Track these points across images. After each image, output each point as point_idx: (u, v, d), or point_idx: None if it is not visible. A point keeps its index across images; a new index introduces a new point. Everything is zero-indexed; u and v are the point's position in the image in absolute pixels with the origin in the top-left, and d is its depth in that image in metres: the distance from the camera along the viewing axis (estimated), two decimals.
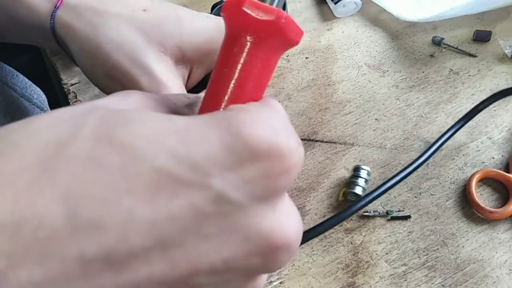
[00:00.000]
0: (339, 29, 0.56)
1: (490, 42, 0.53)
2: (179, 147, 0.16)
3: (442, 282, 0.38)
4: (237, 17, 0.20)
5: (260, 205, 0.17)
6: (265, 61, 0.21)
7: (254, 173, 0.17)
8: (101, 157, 0.16)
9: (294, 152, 0.18)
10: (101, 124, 0.17)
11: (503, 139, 0.46)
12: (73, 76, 0.54)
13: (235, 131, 0.17)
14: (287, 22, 0.20)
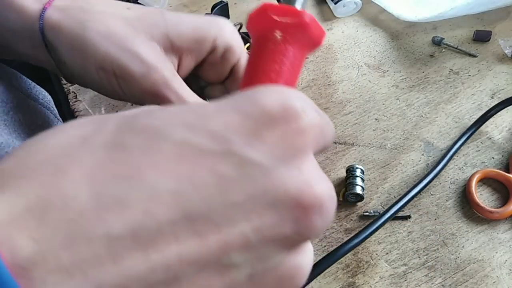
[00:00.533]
0: (339, 29, 0.56)
1: (490, 42, 0.53)
2: (197, 121, 0.17)
3: (442, 282, 0.38)
4: (264, 22, 0.22)
5: (284, 166, 0.17)
6: (292, 57, 0.22)
7: (273, 135, 0.17)
8: (123, 141, 0.16)
9: (309, 113, 0.18)
10: (124, 118, 0.17)
11: (503, 139, 0.46)
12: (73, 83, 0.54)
13: (251, 100, 0.18)
14: (311, 22, 0.22)
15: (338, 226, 0.41)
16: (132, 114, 0.18)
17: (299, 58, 0.23)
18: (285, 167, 0.17)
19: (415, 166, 0.44)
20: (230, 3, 0.57)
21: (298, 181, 0.17)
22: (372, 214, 0.41)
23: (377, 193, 0.43)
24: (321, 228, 0.17)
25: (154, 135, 0.16)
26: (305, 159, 0.18)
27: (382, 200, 0.43)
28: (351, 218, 0.42)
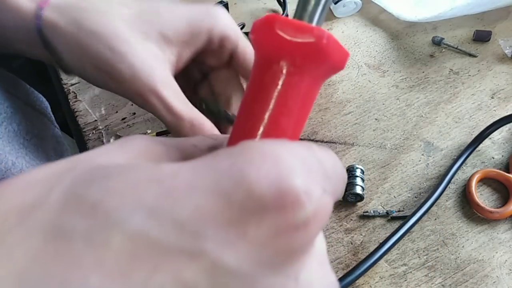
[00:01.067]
0: (339, 29, 0.56)
1: (490, 42, 0.53)
2: (160, 202, 0.13)
3: (442, 282, 0.38)
4: (269, 40, 0.17)
5: (274, 275, 0.13)
6: (304, 91, 0.17)
7: (260, 230, 0.13)
8: (67, 225, 0.13)
9: (314, 198, 0.13)
10: (74, 184, 0.14)
11: (503, 139, 0.46)
12: (73, 76, 0.54)
13: (236, 176, 0.13)
14: (329, 43, 0.16)
15: (338, 226, 0.41)
16: (86, 177, 0.14)
17: (312, 90, 0.18)
18: (276, 277, 0.13)
19: (415, 166, 0.44)
20: (230, 3, 0.57)
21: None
22: (372, 214, 0.41)
23: (377, 193, 0.43)
24: None
25: (103, 220, 0.13)
26: (305, 261, 0.14)
27: (382, 200, 0.42)
28: (351, 218, 0.42)
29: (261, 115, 0.17)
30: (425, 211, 0.40)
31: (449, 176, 0.42)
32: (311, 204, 0.13)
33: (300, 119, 0.18)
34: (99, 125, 0.50)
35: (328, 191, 0.14)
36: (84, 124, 0.50)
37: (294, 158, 0.14)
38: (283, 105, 0.17)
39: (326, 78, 0.18)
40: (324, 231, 0.41)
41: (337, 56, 0.17)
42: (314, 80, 0.17)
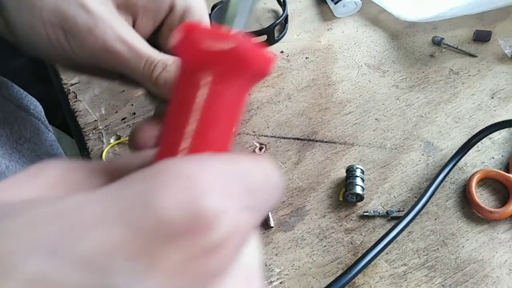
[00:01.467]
0: (339, 29, 0.56)
1: (490, 42, 0.53)
2: (61, 239, 0.12)
3: (442, 282, 0.38)
4: (189, 49, 0.16)
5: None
6: (228, 101, 0.17)
7: (172, 259, 0.12)
8: None
9: (229, 218, 0.13)
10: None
11: (503, 139, 0.46)
12: (73, 76, 0.54)
13: (144, 199, 0.12)
14: (247, 50, 0.16)
15: (338, 226, 0.41)
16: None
17: (237, 99, 0.17)
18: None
19: (415, 166, 0.44)
20: None
21: None
22: (372, 214, 0.41)
23: (377, 193, 0.43)
24: None
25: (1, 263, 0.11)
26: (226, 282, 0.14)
27: (382, 200, 0.43)
28: (351, 218, 0.42)
29: (184, 129, 0.16)
30: (420, 207, 0.40)
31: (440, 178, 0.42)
32: (224, 225, 0.13)
33: (227, 130, 0.17)
34: (99, 125, 0.50)
35: (251, 206, 0.14)
36: (84, 124, 0.50)
37: (209, 176, 0.13)
38: (207, 117, 0.16)
39: (252, 86, 0.17)
40: (324, 231, 0.41)
41: (259, 62, 0.16)
42: (238, 89, 0.17)
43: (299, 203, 0.43)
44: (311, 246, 0.40)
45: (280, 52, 0.55)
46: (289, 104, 0.50)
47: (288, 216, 0.42)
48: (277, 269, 0.39)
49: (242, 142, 0.47)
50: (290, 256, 0.40)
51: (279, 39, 0.56)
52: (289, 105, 0.50)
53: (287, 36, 0.56)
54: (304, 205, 0.43)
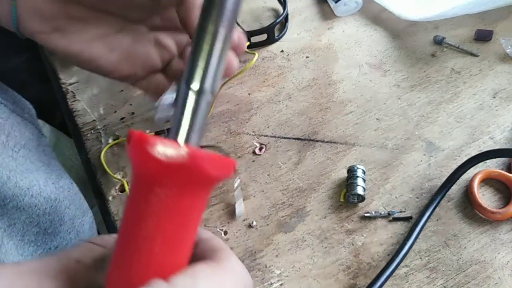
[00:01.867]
0: (340, 28, 0.56)
1: (492, 42, 0.53)
2: None
3: (444, 284, 0.38)
4: (142, 160, 0.15)
5: None
6: (185, 209, 0.16)
7: None
8: None
9: None
10: None
11: (505, 139, 0.45)
12: (71, 76, 0.54)
13: None
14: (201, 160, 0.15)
15: (339, 227, 0.41)
16: None
17: (196, 206, 0.17)
18: None
19: (416, 166, 0.44)
20: None
21: None
22: (373, 215, 0.41)
23: (378, 194, 0.43)
24: None
25: None
26: None
27: (384, 200, 0.42)
28: (352, 219, 0.41)
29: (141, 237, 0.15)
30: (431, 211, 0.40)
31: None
32: None
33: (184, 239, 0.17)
34: (97, 125, 0.50)
35: None
36: (82, 124, 0.50)
37: None
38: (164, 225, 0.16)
39: (210, 187, 0.17)
40: (325, 232, 0.41)
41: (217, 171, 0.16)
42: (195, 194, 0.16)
43: (300, 204, 0.43)
44: (312, 247, 0.40)
45: (280, 51, 0.54)
46: (290, 104, 0.50)
47: (288, 217, 0.42)
48: (277, 271, 0.39)
49: (242, 142, 0.47)
50: (291, 257, 0.40)
51: (279, 38, 0.55)
52: (290, 105, 0.49)
53: (287, 35, 0.56)
54: (304, 206, 0.43)
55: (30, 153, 0.33)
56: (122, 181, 0.45)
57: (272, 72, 0.53)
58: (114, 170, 0.46)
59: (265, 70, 0.53)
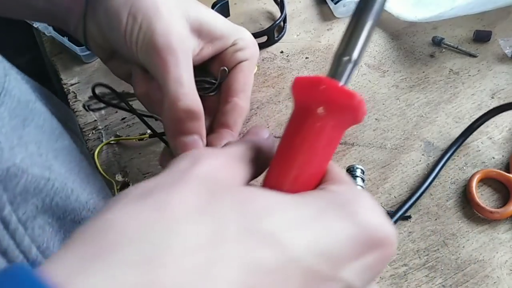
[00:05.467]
0: (339, 29, 0.56)
1: (490, 42, 0.53)
2: (317, 242, 0.17)
3: (443, 283, 0.38)
4: (314, 94, 0.21)
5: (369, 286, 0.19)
6: (335, 135, 0.22)
7: (372, 261, 0.18)
8: (255, 259, 0.16)
9: (396, 238, 0.20)
10: (243, 219, 0.17)
11: (503, 139, 0.46)
12: (73, 76, 0.54)
13: (358, 222, 0.18)
14: (361, 105, 0.21)
15: None
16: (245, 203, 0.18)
17: (339, 135, 0.22)
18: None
19: (415, 166, 0.44)
20: (230, 3, 0.57)
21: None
22: None
23: (377, 193, 0.43)
24: None
25: (286, 256, 0.16)
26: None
27: (383, 200, 0.42)
28: None
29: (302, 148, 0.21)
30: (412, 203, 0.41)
31: (440, 166, 0.43)
32: (395, 246, 0.19)
33: (328, 157, 0.22)
34: (98, 125, 0.50)
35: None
36: (83, 124, 0.50)
37: (378, 207, 0.20)
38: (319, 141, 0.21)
39: (348, 127, 0.23)
40: None
41: (362, 113, 0.21)
42: (342, 128, 0.22)
43: None
44: None
45: (280, 52, 0.55)
46: (289, 104, 0.50)
47: None
48: None
49: None
50: None
51: (278, 39, 0.56)
52: (289, 105, 0.50)
53: (287, 36, 0.56)
54: None
55: (82, 164, 0.34)
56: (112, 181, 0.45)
57: (272, 72, 0.53)
58: (115, 170, 0.46)
59: (265, 71, 0.53)
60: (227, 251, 0.16)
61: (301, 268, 0.17)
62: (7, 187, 0.22)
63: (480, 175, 0.42)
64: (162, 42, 0.31)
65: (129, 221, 0.16)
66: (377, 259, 0.19)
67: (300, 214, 0.18)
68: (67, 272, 0.14)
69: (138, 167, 0.47)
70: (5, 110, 0.24)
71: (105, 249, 0.15)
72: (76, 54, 0.54)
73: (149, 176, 0.45)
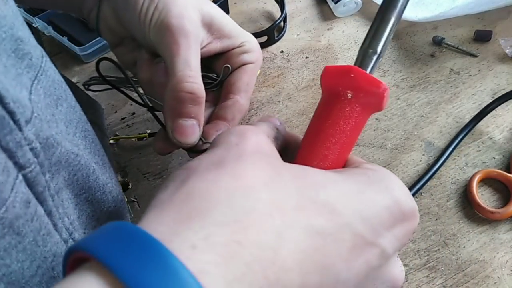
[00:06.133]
0: (340, 29, 0.56)
1: (491, 42, 0.53)
2: (363, 211, 0.20)
3: (443, 283, 0.38)
4: (344, 81, 0.23)
5: (394, 256, 0.22)
6: (361, 119, 0.24)
7: (401, 231, 0.21)
8: (317, 225, 0.19)
9: (417, 211, 0.23)
10: (302, 191, 0.20)
11: (504, 139, 0.46)
12: (72, 76, 0.54)
13: (393, 195, 0.21)
14: (386, 93, 0.23)
15: None
16: (305, 184, 0.20)
17: (364, 120, 0.24)
18: (394, 257, 0.22)
19: (416, 166, 0.44)
20: (230, 3, 0.57)
21: (398, 270, 0.23)
22: None
23: None
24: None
25: (339, 222, 0.19)
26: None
27: None
28: None
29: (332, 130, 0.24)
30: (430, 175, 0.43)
31: (450, 150, 0.44)
32: (418, 219, 0.22)
33: (354, 139, 0.24)
34: None
35: None
36: None
37: (404, 186, 0.22)
38: (347, 124, 0.24)
39: (371, 113, 0.25)
40: None
41: (386, 101, 0.24)
42: (367, 113, 0.24)
43: None
44: None
45: (280, 52, 0.55)
46: (289, 104, 0.50)
47: None
48: None
49: None
50: None
51: (278, 39, 0.56)
52: (289, 105, 0.50)
53: (287, 36, 0.56)
54: None
55: (103, 150, 0.34)
56: None
57: (272, 72, 0.53)
58: (115, 170, 0.46)
59: (265, 70, 0.53)
60: (294, 217, 0.18)
61: (351, 232, 0.19)
62: (46, 155, 0.23)
63: (481, 175, 0.42)
64: (176, 24, 0.32)
65: (212, 187, 0.18)
66: (404, 230, 0.21)
67: (348, 187, 0.21)
68: (167, 231, 0.16)
69: (138, 166, 0.46)
70: (41, 88, 0.25)
71: (196, 212, 0.17)
72: (75, 54, 0.54)
73: (149, 176, 0.45)
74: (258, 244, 0.17)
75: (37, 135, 0.22)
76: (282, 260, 0.17)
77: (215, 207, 0.17)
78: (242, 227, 0.17)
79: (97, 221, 0.32)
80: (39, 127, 0.22)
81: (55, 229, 0.23)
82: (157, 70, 0.35)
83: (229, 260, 0.16)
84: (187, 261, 0.15)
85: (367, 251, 0.20)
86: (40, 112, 0.23)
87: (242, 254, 0.16)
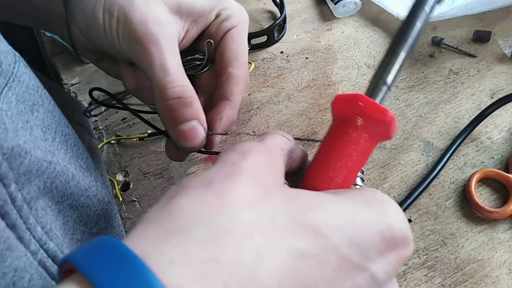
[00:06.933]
0: (339, 29, 0.57)
1: (490, 42, 0.53)
2: (353, 234, 0.20)
3: (442, 282, 0.38)
4: (353, 108, 0.24)
5: (390, 283, 0.22)
6: (368, 146, 0.25)
7: (394, 257, 0.21)
8: (301, 247, 0.19)
9: (412, 242, 0.22)
10: (290, 212, 0.20)
11: (502, 139, 0.46)
12: (73, 77, 0.54)
13: (387, 219, 0.21)
14: (393, 121, 0.24)
15: None
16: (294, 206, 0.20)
17: (372, 147, 0.25)
18: (388, 284, 0.22)
19: (414, 166, 0.45)
20: None
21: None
22: None
23: None
24: None
25: (325, 244, 0.19)
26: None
27: None
28: None
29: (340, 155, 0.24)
30: (411, 203, 0.42)
31: (451, 152, 0.44)
32: (412, 247, 0.22)
33: (360, 165, 0.25)
34: (99, 125, 0.50)
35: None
36: None
37: (402, 213, 0.22)
38: (354, 149, 0.25)
39: (379, 142, 0.26)
40: None
41: (394, 130, 0.25)
42: (374, 141, 0.25)
43: None
44: None
45: (280, 52, 0.55)
46: (289, 104, 0.50)
47: None
48: None
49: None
50: None
51: (278, 40, 0.56)
52: (289, 105, 0.50)
53: (287, 37, 0.56)
54: None
55: (87, 153, 0.34)
56: (113, 181, 0.45)
57: (271, 73, 0.53)
58: (116, 170, 0.46)
59: (265, 71, 0.53)
60: (277, 238, 0.18)
61: (337, 254, 0.19)
62: (12, 166, 0.22)
63: (479, 175, 0.42)
64: (141, 31, 0.31)
65: (195, 206, 0.19)
66: (397, 257, 0.21)
67: (343, 206, 0.21)
68: (147, 245, 0.17)
69: (139, 167, 0.47)
70: (12, 95, 0.24)
71: (177, 229, 0.18)
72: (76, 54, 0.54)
73: (150, 176, 0.46)
74: (236, 262, 0.17)
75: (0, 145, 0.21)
76: (261, 279, 0.17)
77: (196, 225, 0.18)
78: (221, 245, 0.17)
79: (85, 226, 0.31)
80: (2, 137, 0.22)
81: (20, 242, 0.23)
82: (139, 78, 0.34)
83: (206, 277, 0.16)
84: (164, 275, 0.16)
85: (354, 275, 0.20)
86: (9, 121, 0.23)
87: (220, 271, 0.17)
